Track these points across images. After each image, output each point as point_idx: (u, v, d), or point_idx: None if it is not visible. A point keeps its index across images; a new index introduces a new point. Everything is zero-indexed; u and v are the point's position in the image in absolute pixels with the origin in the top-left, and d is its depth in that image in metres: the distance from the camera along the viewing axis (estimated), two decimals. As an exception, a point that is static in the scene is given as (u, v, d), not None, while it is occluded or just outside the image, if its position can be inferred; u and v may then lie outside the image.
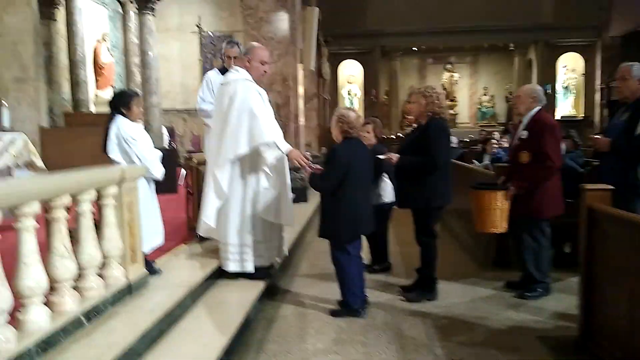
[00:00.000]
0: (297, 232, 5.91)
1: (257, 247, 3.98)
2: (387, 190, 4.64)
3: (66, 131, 9.29)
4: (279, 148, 3.79)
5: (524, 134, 4.02)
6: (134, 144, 3.45)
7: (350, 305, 3.72)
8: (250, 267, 3.96)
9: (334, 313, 3.77)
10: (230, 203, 3.92)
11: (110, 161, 3.48)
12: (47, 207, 2.53)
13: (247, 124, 3.78)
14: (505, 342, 3.31)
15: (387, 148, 4.70)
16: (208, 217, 3.94)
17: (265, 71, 4.01)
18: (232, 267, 3.98)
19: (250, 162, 3.91)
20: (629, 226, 2.49)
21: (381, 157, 4.18)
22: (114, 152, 3.43)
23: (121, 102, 3.55)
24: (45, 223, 2.66)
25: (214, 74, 4.80)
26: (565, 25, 16.20)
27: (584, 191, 2.92)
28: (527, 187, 3.94)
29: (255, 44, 4.34)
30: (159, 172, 3.60)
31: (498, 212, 3.97)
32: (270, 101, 4.15)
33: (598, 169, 4.16)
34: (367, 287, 3.96)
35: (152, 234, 3.64)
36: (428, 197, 3.94)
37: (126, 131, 3.44)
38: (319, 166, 3.83)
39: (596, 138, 4.02)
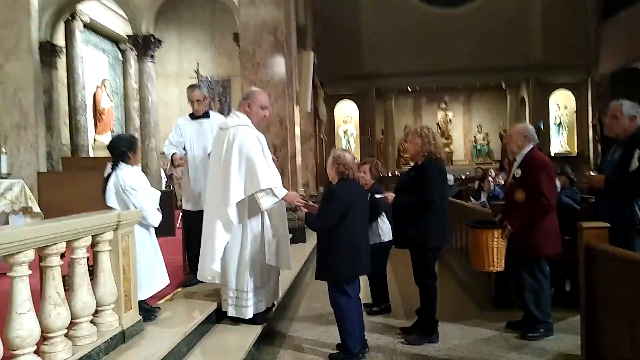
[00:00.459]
0: (294, 273, 5.84)
1: (256, 292, 3.92)
2: (385, 230, 4.63)
3: (64, 176, 9.34)
4: (275, 195, 3.77)
5: (518, 172, 4.06)
6: (134, 194, 3.43)
7: (350, 349, 3.63)
8: (249, 314, 3.89)
9: (332, 357, 3.69)
10: (230, 247, 3.88)
11: (107, 207, 3.48)
12: (41, 255, 2.51)
13: (245, 170, 3.77)
14: (509, 385, 3.23)
15: (385, 188, 4.72)
16: (215, 262, 3.83)
17: (265, 115, 4.04)
18: (231, 311, 3.92)
19: (250, 206, 3.89)
20: (627, 264, 2.48)
21: (377, 196, 4.19)
22: (111, 200, 3.42)
23: (128, 147, 3.53)
24: (39, 269, 2.64)
25: (182, 120, 4.84)
26: (556, 64, 16.56)
27: (581, 229, 2.93)
28: (523, 226, 3.94)
29: (255, 88, 4.41)
30: (155, 219, 3.58)
31: (495, 250, 3.97)
32: (268, 143, 4.18)
33: (594, 205, 4.17)
34: (367, 329, 3.88)
35: (152, 279, 3.60)
36: (425, 237, 3.92)
37: (126, 181, 3.42)
38: (314, 204, 3.84)
39: (591, 176, 4.04)
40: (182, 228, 5.09)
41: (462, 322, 4.45)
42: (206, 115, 4.74)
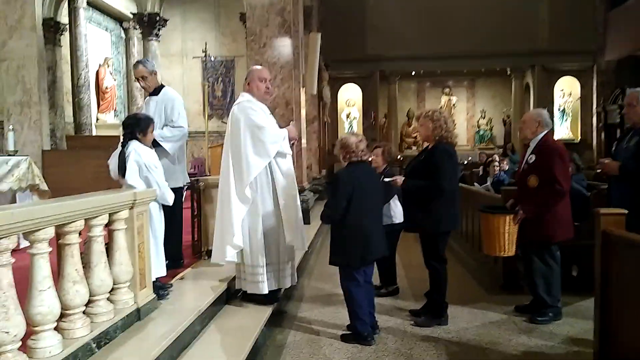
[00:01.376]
0: (300, 255, 5.86)
1: (269, 269, 3.95)
2: (397, 212, 4.63)
3: (68, 154, 9.31)
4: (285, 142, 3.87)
5: (532, 158, 4.05)
6: (156, 171, 3.45)
7: (359, 332, 3.67)
8: (264, 289, 3.92)
9: (343, 337, 3.73)
10: (244, 224, 3.91)
11: (118, 185, 3.48)
12: (60, 232, 2.50)
13: (256, 138, 3.82)
14: (519, 368, 3.27)
15: (397, 171, 4.71)
16: (236, 236, 3.85)
17: (267, 87, 4.03)
18: (247, 287, 3.97)
19: (261, 184, 3.91)
20: (647, 250, 2.48)
21: (387, 179, 4.18)
22: (133, 178, 3.35)
23: (139, 128, 3.52)
24: (57, 247, 2.63)
25: (143, 100, 4.80)
26: (562, 50, 16.44)
27: (598, 215, 2.92)
28: (536, 211, 3.94)
29: (253, 67, 4.37)
30: (171, 197, 3.61)
31: (507, 235, 3.97)
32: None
33: (607, 192, 4.17)
34: (376, 311, 3.91)
35: (163, 256, 3.64)
36: (435, 221, 3.93)
37: (148, 159, 3.43)
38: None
39: (605, 162, 4.03)
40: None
41: (471, 306, 4.48)
42: (156, 92, 4.46)
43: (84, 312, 2.65)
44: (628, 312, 2.72)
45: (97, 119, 12.02)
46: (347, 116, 18.40)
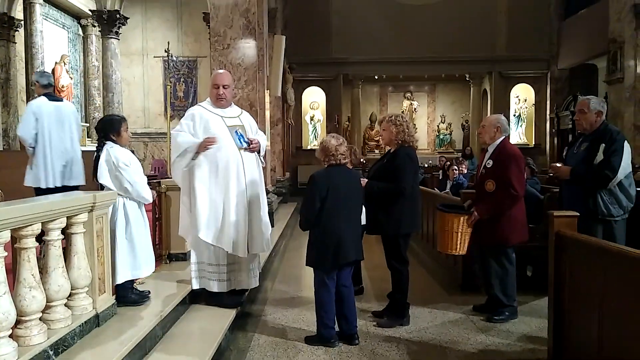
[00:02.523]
0: (264, 257, 5.85)
1: (230, 269, 3.96)
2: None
3: (21, 155, 8.95)
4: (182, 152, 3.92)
5: (489, 162, 4.19)
6: (126, 170, 3.42)
7: (322, 335, 3.66)
8: (212, 288, 3.96)
9: (307, 339, 3.74)
10: (211, 223, 3.92)
11: (98, 187, 3.43)
12: (16, 236, 2.42)
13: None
14: (477, 366, 3.37)
15: (361, 174, 4.76)
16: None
17: (219, 94, 4.05)
18: (194, 284, 4.00)
19: (230, 182, 3.93)
20: (596, 251, 2.61)
21: None
22: (104, 177, 3.39)
23: (110, 129, 3.51)
24: (12, 251, 2.55)
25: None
26: (518, 58, 17.04)
27: (552, 217, 3.05)
28: (490, 213, 4.09)
29: (214, 71, 4.40)
30: (149, 195, 3.60)
31: (460, 235, 4.13)
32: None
33: (559, 195, 4.35)
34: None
35: (148, 259, 3.63)
36: (396, 223, 4.00)
37: (118, 157, 3.41)
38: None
39: (557, 166, 4.20)
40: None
41: (431, 306, 4.58)
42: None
43: (40, 319, 2.57)
44: (580, 311, 2.85)
45: (53, 119, 11.60)
46: (311, 119, 18.45)
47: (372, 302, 4.69)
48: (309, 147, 17.85)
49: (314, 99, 18.34)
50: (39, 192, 4.72)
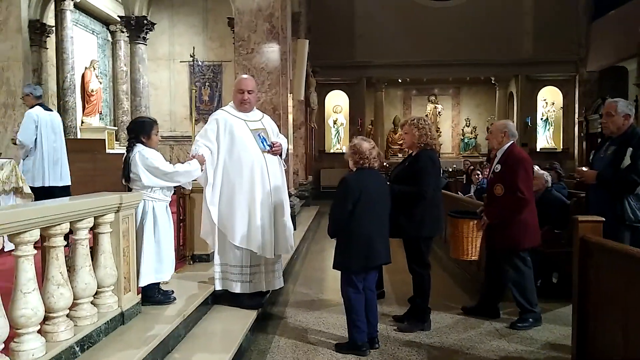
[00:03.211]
0: (286, 259, 5.88)
1: (243, 270, 4.01)
2: None
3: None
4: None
5: (497, 167, 4.21)
6: (155, 172, 3.49)
7: (355, 341, 3.59)
8: (235, 289, 4.00)
9: (338, 347, 3.68)
10: (235, 225, 3.98)
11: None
12: (45, 235, 2.50)
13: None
14: (499, 373, 3.33)
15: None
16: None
17: (243, 99, 4.12)
18: (217, 285, 4.05)
19: (228, 182, 4.00)
20: (622, 257, 2.56)
21: None
22: (148, 180, 3.47)
23: (142, 131, 3.57)
24: (42, 250, 2.63)
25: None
26: (545, 60, 16.77)
27: (576, 222, 3.00)
28: (498, 217, 4.09)
29: (239, 76, 4.47)
30: (190, 173, 3.71)
31: (470, 240, 4.17)
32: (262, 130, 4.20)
33: (585, 200, 4.27)
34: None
35: (171, 263, 3.69)
36: (418, 227, 3.99)
37: (148, 160, 3.46)
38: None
39: (583, 170, 4.13)
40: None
41: (453, 311, 4.54)
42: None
43: (67, 316, 2.64)
44: (605, 318, 2.79)
45: (82, 122, 11.92)
46: (334, 122, 18.50)
47: (393, 306, 4.67)
48: (331, 151, 17.91)
49: (337, 102, 18.39)
50: (32, 190, 5.47)
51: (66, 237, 2.64)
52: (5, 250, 2.19)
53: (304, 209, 11.30)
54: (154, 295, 3.58)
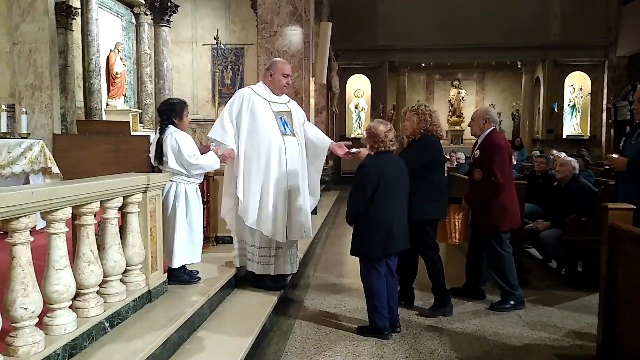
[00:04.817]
0: (307, 244, 5.92)
1: (261, 252, 4.06)
2: None
3: (78, 138, 9.38)
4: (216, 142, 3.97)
5: (477, 153, 4.30)
6: (191, 156, 3.55)
7: (377, 326, 3.60)
8: (252, 268, 4.09)
9: (359, 330, 3.69)
10: (255, 207, 4.00)
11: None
12: (76, 213, 2.56)
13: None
14: (522, 359, 3.31)
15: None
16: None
17: (287, 83, 4.18)
18: (235, 262, 4.14)
19: (245, 161, 4.00)
20: (654, 245, 2.50)
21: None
22: (172, 163, 3.54)
23: (174, 113, 3.61)
24: (72, 228, 2.69)
25: None
26: (573, 45, 16.33)
27: (606, 210, 2.94)
28: (475, 202, 4.24)
29: (277, 59, 4.49)
30: (214, 161, 3.73)
31: (453, 224, 4.30)
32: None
33: (615, 188, 4.18)
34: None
35: (201, 244, 3.76)
36: (419, 210, 3.93)
37: (181, 143, 3.52)
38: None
39: (613, 157, 4.03)
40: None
41: (476, 298, 4.51)
42: None
43: (97, 292, 2.71)
44: (632, 307, 2.75)
45: (107, 104, 12.07)
46: (356, 107, 18.40)
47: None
48: (352, 136, 17.82)
49: (358, 86, 18.25)
50: None
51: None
52: (37, 228, 2.23)
53: (324, 194, 11.30)
54: (180, 275, 3.65)
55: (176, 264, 3.56)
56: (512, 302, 4.23)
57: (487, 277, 4.48)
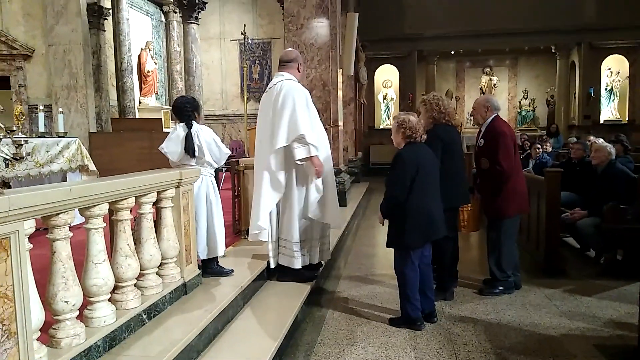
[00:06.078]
0: (337, 235, 5.93)
1: (302, 244, 4.06)
2: None
3: (113, 136, 9.66)
4: (309, 150, 3.83)
5: (481, 141, 4.29)
6: (211, 145, 3.74)
7: (410, 316, 3.59)
8: (297, 264, 4.05)
9: (392, 321, 3.69)
10: (283, 202, 4.04)
11: (164, 166, 3.66)
12: (113, 209, 2.63)
13: (289, 118, 3.84)
14: (560, 349, 3.24)
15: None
16: (261, 220, 3.98)
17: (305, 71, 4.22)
18: (281, 260, 4.09)
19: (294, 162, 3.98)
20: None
21: None
22: (207, 155, 3.71)
23: (197, 110, 3.79)
24: (109, 223, 2.77)
25: None
26: (610, 27, 15.68)
27: (647, 196, 2.83)
28: (487, 190, 4.26)
29: (294, 51, 4.43)
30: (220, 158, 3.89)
31: (465, 214, 4.38)
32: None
33: (655, 174, 4.04)
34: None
35: (223, 235, 3.88)
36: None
37: (213, 136, 3.76)
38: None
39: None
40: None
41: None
42: None
43: (135, 285, 2.79)
44: (676, 296, 2.65)
45: (140, 102, 12.34)
46: (384, 98, 18.21)
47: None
48: (381, 127, 17.68)
49: (386, 77, 18.05)
50: None
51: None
52: (72, 224, 2.30)
53: (353, 186, 11.29)
54: (212, 267, 3.74)
55: (221, 252, 3.77)
56: (500, 288, 4.29)
57: (516, 265, 4.42)
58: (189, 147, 3.59)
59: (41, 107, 6.34)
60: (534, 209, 5.01)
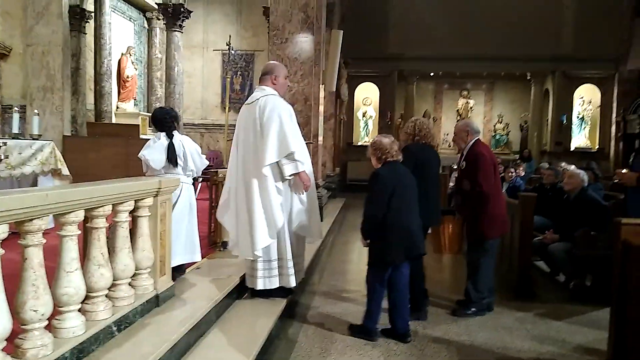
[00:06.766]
0: (313, 250, 5.91)
1: (296, 261, 4.02)
2: None
3: (88, 140, 9.45)
4: (297, 166, 3.80)
5: (463, 164, 4.39)
6: (202, 155, 3.85)
7: (368, 327, 3.75)
8: (292, 282, 3.98)
9: (351, 328, 3.84)
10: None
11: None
12: (88, 216, 2.57)
13: (277, 135, 3.76)
14: (530, 374, 3.28)
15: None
16: (264, 237, 3.82)
17: (288, 85, 4.25)
18: (274, 283, 3.95)
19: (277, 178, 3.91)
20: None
21: None
22: (190, 163, 3.78)
23: (177, 120, 3.83)
24: (83, 231, 2.70)
25: None
26: (584, 57, 16.25)
27: (619, 225, 2.92)
28: (468, 212, 4.33)
29: (275, 62, 4.42)
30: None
31: (446, 235, 4.46)
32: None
33: (623, 202, 4.16)
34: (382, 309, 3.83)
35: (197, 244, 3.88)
36: None
37: (195, 146, 3.82)
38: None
39: (623, 173, 4.02)
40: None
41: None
42: None
43: (106, 296, 2.72)
44: (644, 324, 2.72)
45: (117, 107, 12.15)
46: (363, 115, 18.39)
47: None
48: (359, 144, 17.81)
49: (367, 94, 18.25)
50: None
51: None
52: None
53: (330, 201, 11.31)
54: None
55: (198, 258, 3.92)
56: (473, 309, 4.35)
57: (491, 288, 4.47)
58: (172, 157, 3.58)
59: (16, 108, 6.19)
60: (507, 231, 5.09)
